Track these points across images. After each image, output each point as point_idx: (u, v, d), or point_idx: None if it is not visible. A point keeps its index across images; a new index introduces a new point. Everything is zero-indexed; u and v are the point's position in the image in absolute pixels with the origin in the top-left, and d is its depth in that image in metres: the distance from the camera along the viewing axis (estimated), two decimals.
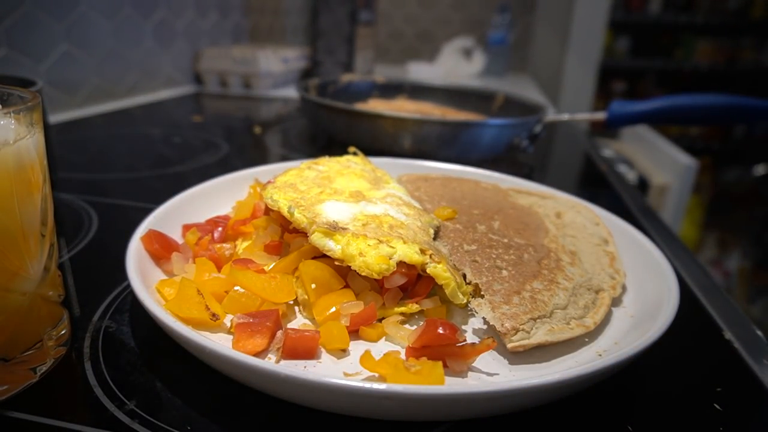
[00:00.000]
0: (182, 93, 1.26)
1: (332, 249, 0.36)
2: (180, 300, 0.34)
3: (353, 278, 0.36)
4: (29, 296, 0.29)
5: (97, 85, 1.04)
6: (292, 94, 1.28)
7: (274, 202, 0.41)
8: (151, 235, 0.40)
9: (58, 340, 0.32)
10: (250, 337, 0.32)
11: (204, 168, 0.73)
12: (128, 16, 1.09)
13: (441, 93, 1.05)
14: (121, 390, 0.30)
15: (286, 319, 0.36)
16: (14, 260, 0.28)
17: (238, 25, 1.50)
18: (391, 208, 0.42)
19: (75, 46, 0.97)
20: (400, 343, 0.34)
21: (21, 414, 0.28)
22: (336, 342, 0.33)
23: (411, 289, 0.37)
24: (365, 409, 0.28)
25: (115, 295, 0.40)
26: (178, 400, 0.30)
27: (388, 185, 0.48)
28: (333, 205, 0.40)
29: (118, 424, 0.28)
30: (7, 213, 0.27)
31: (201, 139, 0.88)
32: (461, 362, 0.31)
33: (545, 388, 0.27)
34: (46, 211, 0.30)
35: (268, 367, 0.27)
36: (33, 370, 0.30)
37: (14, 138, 0.27)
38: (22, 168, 0.28)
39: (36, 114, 0.29)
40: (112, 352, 0.34)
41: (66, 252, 0.46)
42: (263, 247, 0.40)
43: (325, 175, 0.47)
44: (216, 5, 1.37)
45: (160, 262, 0.40)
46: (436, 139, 0.73)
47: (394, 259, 0.35)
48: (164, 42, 1.21)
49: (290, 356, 0.32)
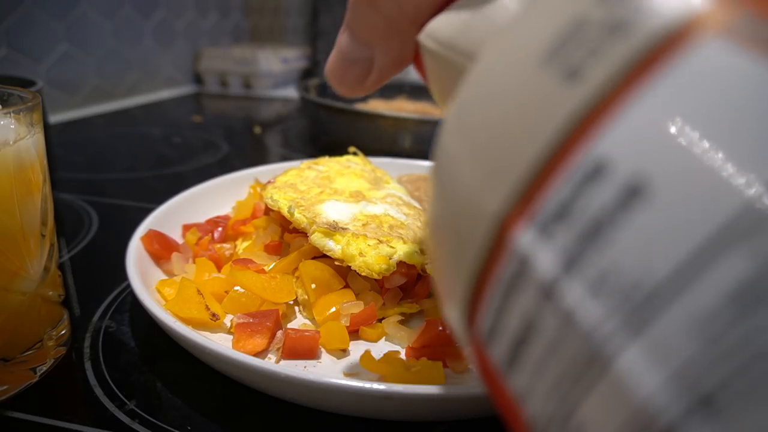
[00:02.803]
0: (182, 93, 1.26)
1: (332, 249, 0.36)
2: (180, 300, 0.34)
3: (353, 278, 0.36)
4: (29, 296, 0.29)
5: (97, 85, 1.04)
6: (292, 94, 1.28)
7: (274, 202, 0.41)
8: (151, 235, 0.40)
9: (58, 340, 0.32)
10: (250, 337, 0.32)
11: (204, 168, 0.73)
12: (128, 16, 1.09)
13: None
14: (121, 390, 0.30)
15: (286, 319, 0.36)
16: (14, 260, 0.28)
17: (238, 25, 1.50)
18: (391, 208, 0.42)
19: (75, 46, 0.97)
20: (400, 343, 0.34)
21: (21, 414, 0.28)
22: (336, 342, 0.33)
23: (411, 289, 0.37)
24: (365, 409, 0.28)
25: (115, 295, 0.40)
26: (178, 400, 0.30)
27: (388, 185, 0.48)
28: (333, 205, 0.40)
29: (118, 424, 0.28)
30: (7, 213, 0.27)
31: (201, 139, 0.88)
32: (461, 362, 0.31)
33: None
34: (46, 211, 0.30)
35: (268, 367, 0.27)
36: (33, 370, 0.30)
37: (14, 138, 0.27)
38: (22, 168, 0.28)
39: (36, 114, 0.29)
40: (112, 352, 0.34)
41: (66, 252, 0.46)
42: (263, 247, 0.40)
43: (325, 175, 0.47)
44: (216, 5, 1.37)
45: (160, 262, 0.40)
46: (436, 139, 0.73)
47: (394, 259, 0.35)
48: (164, 42, 1.21)
49: (290, 356, 0.32)
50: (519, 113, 0.13)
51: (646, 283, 0.10)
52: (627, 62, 0.11)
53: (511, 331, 0.12)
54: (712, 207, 0.09)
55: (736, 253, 0.09)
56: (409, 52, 0.23)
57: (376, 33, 0.22)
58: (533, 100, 0.12)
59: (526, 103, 0.12)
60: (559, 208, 0.11)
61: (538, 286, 0.12)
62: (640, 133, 0.10)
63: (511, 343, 0.13)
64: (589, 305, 0.10)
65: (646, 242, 0.10)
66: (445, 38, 0.20)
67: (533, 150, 0.12)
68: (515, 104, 0.13)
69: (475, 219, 0.13)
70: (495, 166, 0.13)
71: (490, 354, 0.14)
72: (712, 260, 0.09)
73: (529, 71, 0.13)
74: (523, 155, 0.12)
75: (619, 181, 0.10)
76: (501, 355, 0.13)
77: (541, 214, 0.12)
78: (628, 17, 0.11)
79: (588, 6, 0.12)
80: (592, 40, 0.12)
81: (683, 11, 0.11)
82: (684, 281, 0.09)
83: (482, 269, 0.13)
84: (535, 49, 0.13)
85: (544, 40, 0.13)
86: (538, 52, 0.13)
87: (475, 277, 0.14)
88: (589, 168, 0.11)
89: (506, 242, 0.12)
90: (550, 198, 0.11)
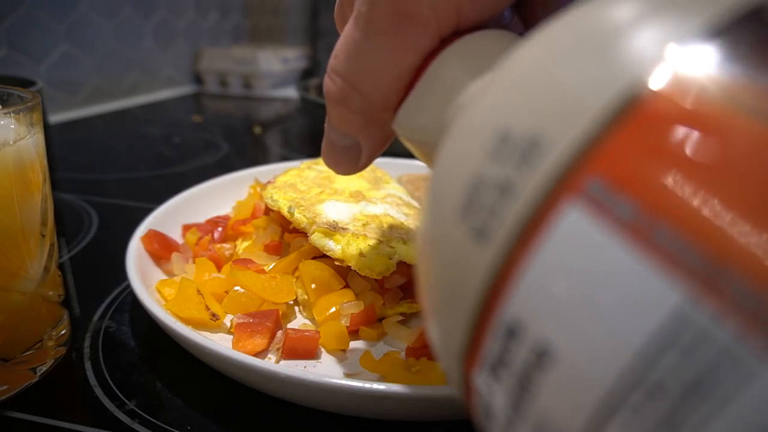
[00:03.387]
0: (182, 93, 1.26)
1: (332, 249, 0.36)
2: (180, 300, 0.34)
3: (353, 278, 0.36)
4: (29, 296, 0.29)
5: (97, 85, 1.04)
6: (292, 94, 1.28)
7: (274, 202, 0.41)
8: (151, 235, 0.40)
9: (58, 340, 0.32)
10: (250, 337, 0.32)
11: (204, 168, 0.73)
12: (128, 16, 1.09)
13: None
14: (121, 390, 0.30)
15: (286, 319, 0.36)
16: (14, 260, 0.28)
17: (238, 26, 1.50)
18: (391, 208, 0.42)
19: (75, 46, 0.97)
20: (400, 343, 0.34)
21: (21, 414, 0.28)
22: (336, 342, 0.33)
23: (411, 289, 0.37)
24: (365, 409, 0.28)
25: (115, 295, 0.40)
26: (178, 400, 0.30)
27: (388, 185, 0.48)
28: (333, 205, 0.40)
29: (118, 424, 0.28)
30: (7, 213, 0.27)
31: (201, 139, 0.88)
32: None
33: None
34: (46, 211, 0.30)
35: (268, 367, 0.27)
36: (33, 370, 0.30)
37: (14, 138, 0.27)
38: (22, 168, 0.28)
39: (36, 114, 0.29)
40: (112, 352, 0.34)
41: (66, 252, 0.46)
42: (263, 247, 0.40)
43: (325, 175, 0.47)
44: (216, 5, 1.37)
45: (160, 262, 0.40)
46: None
47: (394, 259, 0.35)
48: (164, 42, 1.21)
49: (290, 356, 0.32)
50: (451, 267, 0.14)
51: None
52: (519, 224, 0.12)
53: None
54: (604, 363, 0.10)
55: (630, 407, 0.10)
56: (390, 132, 0.24)
57: (354, 126, 0.24)
58: (458, 257, 0.14)
59: (454, 258, 0.14)
60: (497, 357, 0.12)
61: (500, 424, 0.13)
62: (535, 295, 0.11)
63: None
64: None
65: (560, 397, 0.11)
66: (410, 129, 0.22)
67: (466, 306, 0.13)
68: (448, 257, 0.14)
69: (447, 354, 0.15)
70: (447, 312, 0.14)
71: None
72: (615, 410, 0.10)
73: (452, 224, 0.14)
74: (461, 309, 0.13)
75: (529, 344, 0.11)
76: None
77: (487, 358, 0.13)
78: (513, 178, 0.12)
79: (482, 163, 0.13)
80: (489, 201, 0.13)
81: (552, 174, 0.11)
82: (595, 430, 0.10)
83: (465, 399, 0.15)
84: (454, 201, 0.14)
85: (457, 194, 0.14)
86: (455, 206, 0.14)
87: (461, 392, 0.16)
88: (506, 329, 0.12)
89: (470, 379, 0.14)
90: (489, 347, 0.13)
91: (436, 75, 0.20)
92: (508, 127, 0.13)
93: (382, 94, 0.22)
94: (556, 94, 0.12)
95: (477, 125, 0.14)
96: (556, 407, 0.11)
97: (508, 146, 0.12)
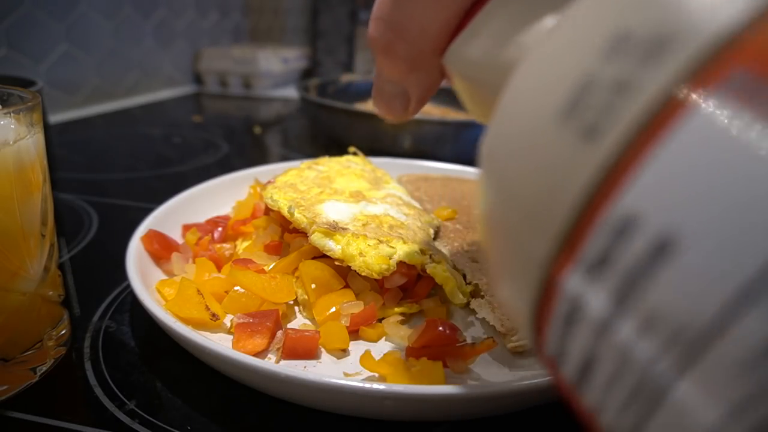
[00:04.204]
0: (182, 93, 1.26)
1: (332, 249, 0.36)
2: (180, 300, 0.34)
3: (353, 278, 0.36)
4: (29, 296, 0.29)
5: (97, 85, 1.04)
6: (292, 94, 1.28)
7: (274, 202, 0.41)
8: (151, 235, 0.40)
9: (58, 340, 0.32)
10: (250, 337, 0.32)
11: (204, 168, 0.73)
12: (128, 16, 1.09)
13: (441, 93, 1.04)
14: (121, 390, 0.30)
15: (286, 319, 0.36)
16: (14, 260, 0.28)
17: (238, 25, 1.50)
18: (391, 208, 0.42)
19: (75, 46, 0.97)
20: (400, 343, 0.34)
21: (21, 414, 0.28)
22: (336, 342, 0.33)
23: (411, 289, 0.37)
24: (365, 409, 0.28)
25: (115, 295, 0.40)
26: (178, 400, 0.30)
27: (388, 185, 0.48)
28: (333, 205, 0.40)
29: (118, 424, 0.28)
30: (7, 213, 0.27)
31: (201, 139, 0.88)
32: (461, 362, 0.31)
33: (545, 387, 0.27)
34: (46, 211, 0.30)
35: (268, 367, 0.27)
36: (33, 370, 0.30)
37: (14, 138, 0.27)
38: (22, 168, 0.28)
39: (36, 114, 0.29)
40: (112, 352, 0.34)
41: (66, 252, 0.46)
42: (263, 247, 0.40)
43: (325, 175, 0.47)
44: (216, 5, 1.37)
45: (160, 262, 0.40)
46: (436, 139, 0.73)
47: (394, 259, 0.35)
48: (164, 42, 1.21)
49: (290, 356, 0.32)
50: (548, 171, 0.13)
51: (692, 326, 0.10)
52: (638, 121, 0.11)
53: (576, 358, 0.13)
54: (741, 258, 0.10)
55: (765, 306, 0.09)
56: (438, 77, 0.24)
57: (402, 72, 0.24)
58: (559, 158, 0.13)
59: (553, 161, 0.13)
60: (600, 255, 0.12)
61: (592, 324, 0.12)
62: (663, 187, 0.11)
63: (578, 368, 0.13)
64: (642, 343, 0.11)
65: (684, 288, 0.10)
66: (471, 60, 0.21)
67: (565, 208, 0.13)
68: (543, 161, 0.14)
69: (526, 263, 0.15)
70: (535, 219, 0.14)
71: (561, 371, 0.14)
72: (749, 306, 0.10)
73: (551, 127, 0.13)
74: (558, 210, 0.13)
75: (648, 236, 0.11)
76: (570, 374, 0.14)
77: (584, 260, 0.12)
78: (634, 75, 0.12)
79: (594, 64, 0.13)
80: (602, 100, 0.12)
81: (682, 70, 0.11)
82: (724, 325, 0.10)
83: (538, 308, 0.15)
84: (553, 104, 0.14)
85: (560, 97, 0.13)
86: (556, 109, 0.13)
87: (533, 313, 0.15)
88: (618, 223, 0.12)
89: (556, 284, 0.13)
90: (590, 247, 0.12)
91: (500, 3, 0.20)
92: (628, 28, 0.12)
93: (431, 37, 0.21)
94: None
95: (584, 30, 0.13)
96: (674, 300, 0.11)
97: (628, 46, 0.12)
